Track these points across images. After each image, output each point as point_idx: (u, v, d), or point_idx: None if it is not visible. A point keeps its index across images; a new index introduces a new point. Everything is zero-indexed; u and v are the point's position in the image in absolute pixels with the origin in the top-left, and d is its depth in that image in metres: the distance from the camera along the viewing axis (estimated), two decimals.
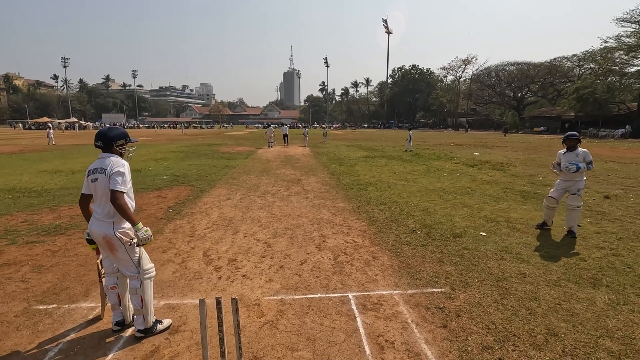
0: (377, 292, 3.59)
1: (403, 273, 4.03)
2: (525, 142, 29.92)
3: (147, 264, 2.87)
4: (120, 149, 2.82)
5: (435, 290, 3.62)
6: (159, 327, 2.90)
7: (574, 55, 59.10)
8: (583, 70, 57.10)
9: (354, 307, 3.31)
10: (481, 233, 5.37)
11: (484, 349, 2.68)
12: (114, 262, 2.84)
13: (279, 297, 3.50)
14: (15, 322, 3.03)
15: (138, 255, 2.81)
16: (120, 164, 2.67)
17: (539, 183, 9.77)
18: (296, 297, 3.50)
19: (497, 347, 2.69)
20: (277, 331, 2.93)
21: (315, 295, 3.53)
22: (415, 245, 4.87)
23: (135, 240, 2.74)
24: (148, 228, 2.76)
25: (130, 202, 2.75)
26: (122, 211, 2.57)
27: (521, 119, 63.39)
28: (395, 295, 3.54)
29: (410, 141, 20.73)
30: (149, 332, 2.83)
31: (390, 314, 3.18)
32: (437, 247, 4.78)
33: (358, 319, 3.10)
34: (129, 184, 2.72)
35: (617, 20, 39.75)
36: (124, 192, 2.61)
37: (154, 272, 2.93)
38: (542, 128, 54.05)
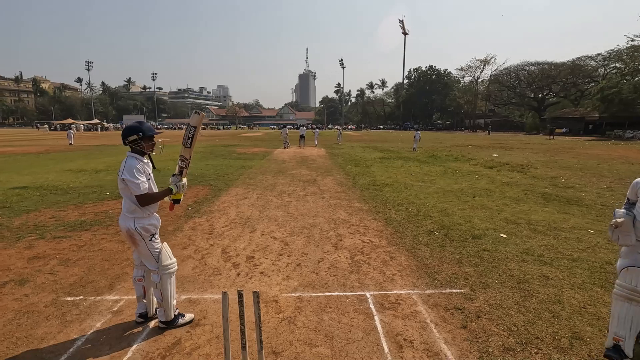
0: (394, 292, 3.57)
1: (421, 273, 3.99)
2: (546, 144, 29.12)
3: (167, 260, 2.89)
4: (135, 145, 2.80)
5: (454, 290, 3.57)
6: (181, 320, 2.97)
7: (598, 54, 57.24)
8: (608, 70, 55.16)
9: (371, 305, 3.30)
10: (501, 235, 5.26)
11: (506, 350, 2.63)
12: (138, 255, 2.93)
13: (297, 294, 3.52)
14: (45, 312, 3.16)
15: (158, 249, 2.87)
16: (127, 167, 2.66)
17: (561, 185, 9.49)
18: (314, 294, 3.52)
19: (519, 349, 2.63)
20: (295, 327, 2.95)
21: (333, 293, 3.53)
22: (433, 246, 4.82)
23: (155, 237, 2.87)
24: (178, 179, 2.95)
25: (153, 188, 2.85)
26: (154, 202, 2.77)
27: (542, 120, 61.68)
28: (413, 295, 3.51)
29: (416, 141, 22.22)
30: (170, 324, 2.91)
31: (408, 314, 3.16)
32: (456, 248, 4.72)
33: (376, 318, 3.09)
34: (143, 177, 2.72)
35: None
36: (143, 193, 2.68)
37: (175, 268, 2.95)
38: (564, 129, 52.45)
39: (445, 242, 4.96)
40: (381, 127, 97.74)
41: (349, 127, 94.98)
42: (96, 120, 77.97)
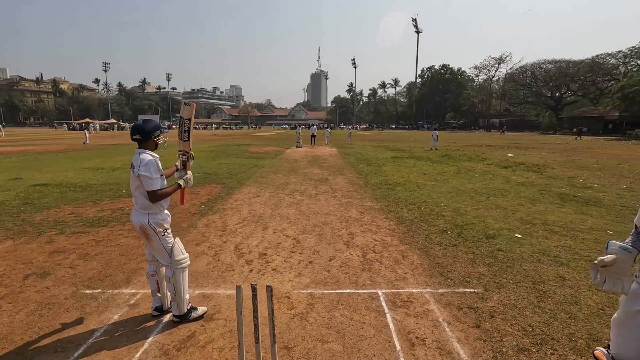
0: (407, 290, 3.56)
1: (434, 272, 3.96)
2: (563, 144, 28.44)
3: (179, 254, 2.91)
4: (157, 139, 2.89)
5: (467, 290, 3.54)
6: (194, 314, 3.02)
7: (619, 51, 55.55)
8: (629, 68, 53.48)
9: (383, 303, 3.30)
10: (516, 235, 5.18)
11: (520, 350, 2.59)
12: (150, 251, 2.99)
13: (309, 291, 3.54)
14: (65, 304, 3.26)
15: (171, 244, 2.92)
16: (145, 163, 2.69)
17: (579, 185, 9.27)
18: (325, 291, 3.54)
19: (534, 350, 2.59)
20: (307, 323, 2.97)
21: (345, 291, 3.54)
22: (446, 245, 4.77)
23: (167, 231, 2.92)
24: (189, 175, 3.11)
25: (163, 184, 2.84)
26: (164, 198, 2.80)
27: (559, 119, 60.25)
28: (425, 293, 3.49)
29: (434, 140, 22.43)
30: (183, 318, 2.96)
31: (420, 312, 3.15)
32: (469, 248, 4.66)
33: (388, 315, 3.09)
34: (158, 174, 2.77)
35: None
36: (157, 189, 2.73)
37: (187, 262, 2.97)
38: (584, 129, 51.12)
39: (459, 242, 4.91)
40: (393, 126, 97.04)
41: (360, 126, 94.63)
42: (112, 120, 79.71)
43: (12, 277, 3.81)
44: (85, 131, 29.57)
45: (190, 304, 3.05)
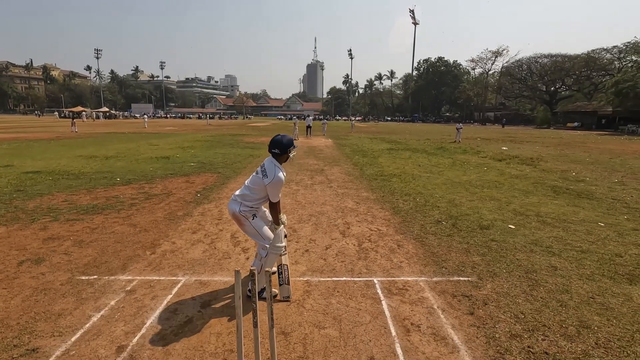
0: (402, 278, 3.60)
1: (428, 261, 4.01)
2: (557, 138, 28.68)
3: (279, 242, 3.09)
4: (290, 153, 3.19)
5: (461, 278, 3.59)
6: (265, 294, 3.06)
7: (614, 46, 55.69)
8: (624, 63, 53.74)
9: (379, 291, 3.34)
10: (509, 226, 5.25)
11: (512, 337, 2.65)
12: (247, 235, 3.20)
13: (305, 279, 3.57)
14: (61, 289, 3.26)
15: (261, 227, 3.11)
16: (277, 180, 3.02)
17: (572, 179, 9.38)
18: (322, 279, 3.57)
19: (526, 336, 2.65)
20: (303, 310, 3.01)
21: (341, 279, 3.58)
22: (441, 235, 4.83)
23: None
24: (282, 228, 3.16)
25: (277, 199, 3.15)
26: (274, 213, 3.11)
27: (553, 114, 60.60)
28: (420, 282, 3.54)
29: (459, 133, 22.93)
30: (254, 296, 3.08)
31: (415, 299, 3.19)
32: (464, 238, 4.72)
33: (383, 302, 3.13)
34: (280, 191, 3.15)
35: None
36: (277, 202, 3.12)
37: (282, 251, 3.13)
38: (575, 123, 51.55)
39: (453, 232, 4.96)
40: (389, 118, 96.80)
41: (356, 118, 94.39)
42: (105, 108, 78.47)
43: (7, 263, 3.78)
44: (74, 120, 28.75)
45: (264, 285, 3.10)
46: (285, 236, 3.22)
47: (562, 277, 3.62)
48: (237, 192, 3.17)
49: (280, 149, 3.10)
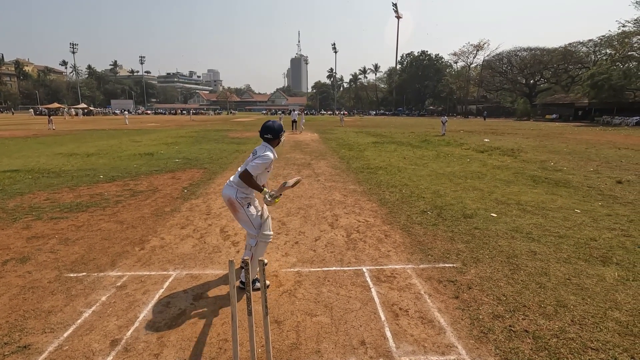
0: (390, 266, 3.71)
1: (415, 250, 4.13)
2: (536, 130, 29.49)
3: (267, 230, 3.21)
4: (281, 137, 3.32)
5: (447, 265, 3.73)
6: (258, 284, 3.20)
7: (589, 40, 57.33)
8: (599, 56, 55.46)
9: (368, 279, 3.44)
10: (492, 214, 5.44)
11: (495, 317, 2.79)
12: (238, 222, 3.27)
13: (296, 270, 3.64)
14: (49, 287, 3.23)
15: (254, 216, 3.19)
16: (265, 157, 3.12)
17: (550, 168, 9.73)
18: (312, 269, 3.64)
19: (507, 316, 2.80)
20: (295, 299, 3.07)
21: (331, 268, 3.66)
22: (427, 225, 4.97)
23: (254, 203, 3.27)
24: (268, 192, 3.14)
25: (261, 180, 3.26)
26: (249, 184, 3.09)
27: (533, 106, 62.16)
28: (408, 269, 3.66)
29: (444, 125, 23.21)
30: (247, 285, 3.16)
31: (403, 286, 3.31)
32: (448, 227, 4.87)
33: (372, 290, 3.23)
34: (263, 168, 3.18)
35: (636, 2, 38.42)
36: (251, 174, 3.06)
37: (270, 239, 3.27)
38: (554, 115, 53.05)
39: (438, 221, 5.11)
40: (373, 112, 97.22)
41: (342, 112, 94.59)
42: (83, 105, 76.06)
43: None
44: (50, 117, 27.85)
45: (256, 275, 3.24)
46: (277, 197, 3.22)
47: (541, 261, 3.80)
48: (232, 178, 3.25)
49: (272, 134, 3.25)
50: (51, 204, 5.95)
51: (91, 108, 78.12)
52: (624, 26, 41.32)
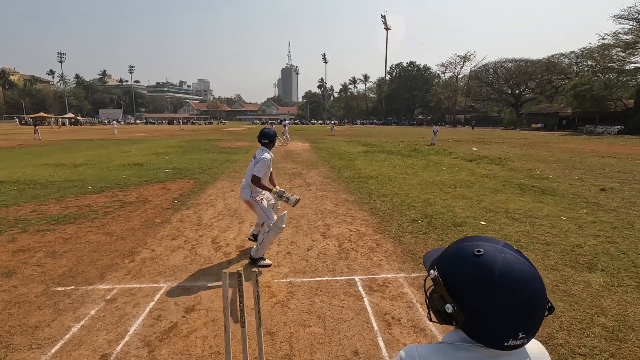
0: (382, 276, 3.74)
1: (406, 258, 4.17)
2: (522, 138, 30.13)
3: (281, 223, 3.82)
4: (276, 141, 4.05)
5: None
6: (263, 262, 3.93)
7: (571, 52, 59.25)
8: (581, 68, 57.25)
9: (360, 288, 3.46)
10: (481, 222, 5.53)
11: None
12: (257, 215, 4.05)
13: (288, 280, 3.63)
14: (36, 301, 3.16)
15: (266, 207, 3.93)
16: (264, 159, 3.80)
17: (536, 177, 9.94)
18: (304, 279, 3.65)
19: None
20: (288, 310, 3.07)
21: (323, 278, 3.67)
22: (418, 234, 5.02)
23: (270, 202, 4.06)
24: (276, 190, 3.88)
25: (267, 177, 4.04)
26: (258, 186, 3.79)
27: (519, 115, 63.60)
28: (399, 278, 3.69)
29: (435, 135, 23.23)
30: (256, 261, 3.92)
31: (395, 295, 3.33)
32: (439, 235, 4.94)
33: (365, 299, 3.25)
34: (266, 169, 3.87)
35: (614, 17, 39.96)
36: (259, 177, 3.76)
37: (282, 230, 3.88)
38: (539, 124, 54.33)
39: (429, 230, 5.17)
40: (364, 122, 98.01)
41: (332, 121, 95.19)
42: (70, 115, 74.99)
43: None
44: (36, 127, 27.38)
45: (263, 255, 3.98)
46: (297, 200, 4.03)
47: None
48: (244, 182, 3.94)
49: (269, 139, 3.93)
50: (37, 215, 5.84)
51: (79, 118, 77.03)
52: (603, 39, 42.81)
